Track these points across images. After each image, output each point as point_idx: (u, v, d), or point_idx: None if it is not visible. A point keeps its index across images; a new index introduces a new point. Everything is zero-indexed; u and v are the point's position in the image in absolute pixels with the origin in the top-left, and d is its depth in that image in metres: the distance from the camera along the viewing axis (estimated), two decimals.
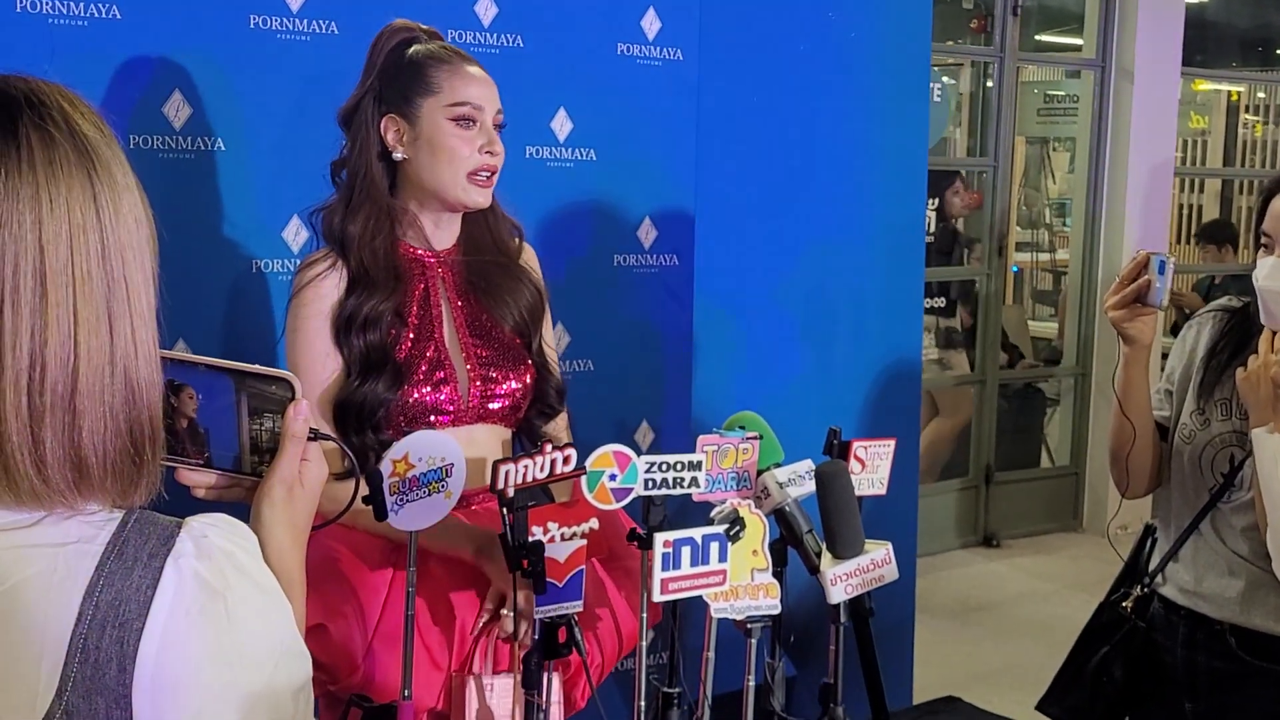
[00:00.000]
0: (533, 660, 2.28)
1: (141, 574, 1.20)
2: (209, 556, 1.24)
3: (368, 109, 2.60)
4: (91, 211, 1.25)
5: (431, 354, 2.58)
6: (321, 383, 2.54)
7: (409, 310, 2.59)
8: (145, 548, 1.21)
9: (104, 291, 1.25)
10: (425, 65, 2.59)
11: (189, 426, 1.52)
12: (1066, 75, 10.07)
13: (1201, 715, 2.79)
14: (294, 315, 2.57)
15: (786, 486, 2.51)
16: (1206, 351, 2.80)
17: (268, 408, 1.52)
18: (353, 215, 2.58)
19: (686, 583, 2.29)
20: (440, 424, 2.56)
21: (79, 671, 1.17)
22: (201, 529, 1.26)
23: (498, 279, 2.71)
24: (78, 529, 1.22)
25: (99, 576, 1.19)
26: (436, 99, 2.57)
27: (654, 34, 3.68)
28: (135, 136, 2.94)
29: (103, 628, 1.18)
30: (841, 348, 4.26)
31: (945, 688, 4.13)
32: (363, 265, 2.55)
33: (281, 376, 1.53)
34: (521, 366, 2.68)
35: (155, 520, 1.25)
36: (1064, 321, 8.40)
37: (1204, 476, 2.76)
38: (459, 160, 2.57)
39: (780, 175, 4.06)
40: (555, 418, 2.78)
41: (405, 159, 2.60)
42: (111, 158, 1.30)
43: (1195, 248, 9.23)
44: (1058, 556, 7.54)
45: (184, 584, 1.21)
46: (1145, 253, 2.67)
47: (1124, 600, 2.92)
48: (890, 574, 2.57)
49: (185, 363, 1.52)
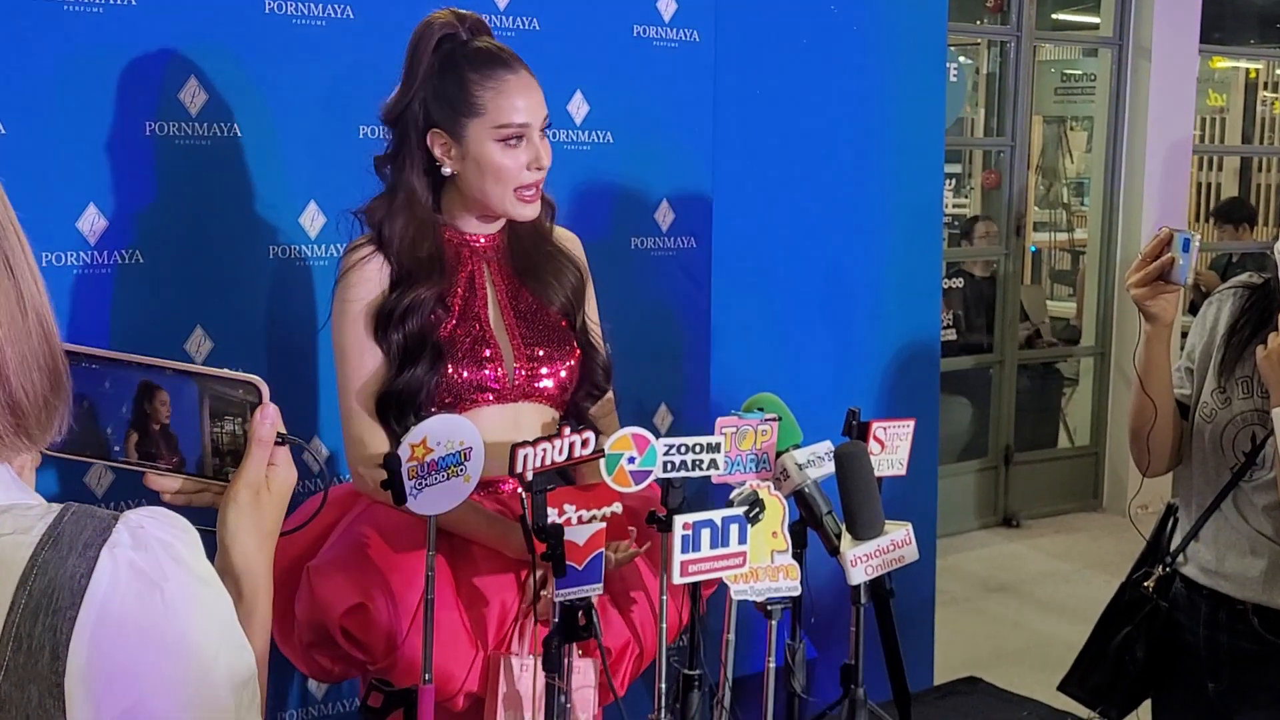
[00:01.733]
0: (553, 643, 2.28)
1: (76, 562, 1.18)
2: (145, 547, 1.22)
3: (413, 119, 2.58)
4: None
5: (476, 331, 2.59)
6: (364, 375, 2.55)
7: (453, 295, 2.60)
8: (81, 537, 1.20)
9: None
10: (469, 83, 2.54)
11: (160, 431, 1.51)
12: (1084, 54, 10.03)
13: (1224, 695, 2.79)
14: (340, 299, 2.58)
15: (806, 468, 2.50)
16: (1227, 329, 2.79)
17: (235, 412, 1.51)
18: (394, 218, 2.58)
19: (706, 565, 2.29)
20: (485, 402, 2.57)
21: (12, 660, 1.16)
22: (138, 520, 1.24)
23: (540, 262, 2.72)
24: (13, 521, 1.21)
25: (33, 565, 1.17)
26: (482, 120, 2.54)
27: (670, 15, 3.67)
28: (151, 123, 2.94)
29: (35, 615, 1.16)
30: (860, 329, 4.25)
31: (966, 668, 4.14)
32: (402, 263, 2.56)
33: (249, 381, 1.51)
34: (568, 347, 2.68)
35: (92, 513, 1.24)
36: (1082, 301, 8.38)
37: (1225, 455, 2.75)
38: (507, 178, 2.56)
39: (797, 156, 4.05)
40: (602, 398, 2.78)
41: (454, 174, 2.59)
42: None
43: (1212, 226, 9.19)
44: (1078, 536, 7.54)
45: (119, 573, 1.19)
46: (1169, 230, 2.64)
47: (1146, 580, 2.91)
48: (910, 555, 2.57)
49: (151, 367, 1.51)
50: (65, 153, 2.86)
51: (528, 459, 2.22)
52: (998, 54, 8.28)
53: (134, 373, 1.49)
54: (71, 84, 2.85)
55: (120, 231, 2.93)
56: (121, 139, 2.92)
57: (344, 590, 2.44)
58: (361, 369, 2.55)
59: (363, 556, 2.48)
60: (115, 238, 2.93)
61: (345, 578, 2.46)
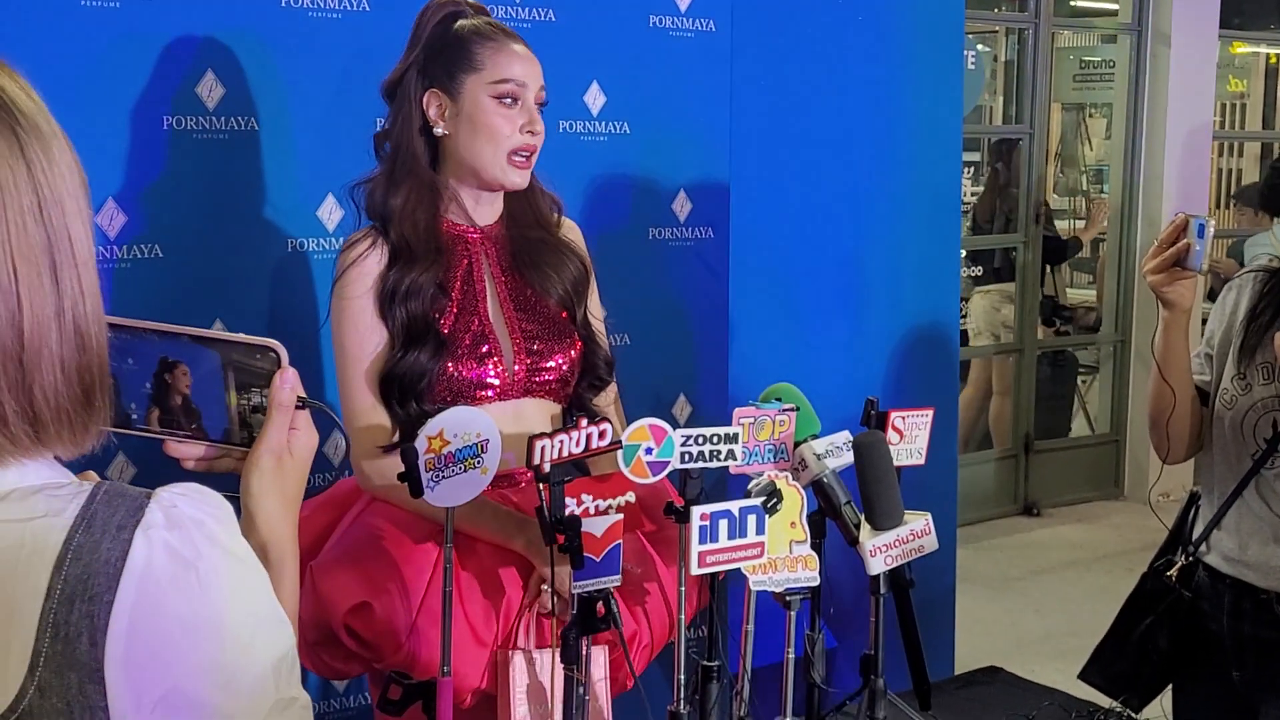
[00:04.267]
0: (571, 635, 2.28)
1: (110, 546, 1.18)
2: (179, 526, 1.21)
3: (411, 82, 2.60)
4: (21, 165, 1.23)
5: (476, 328, 2.59)
6: (367, 356, 2.55)
7: (452, 285, 2.60)
8: (114, 519, 1.20)
9: (44, 243, 1.22)
10: (470, 41, 2.59)
11: (182, 399, 1.51)
12: (1102, 40, 9.98)
13: (1249, 684, 2.78)
14: (338, 296, 2.58)
15: (824, 458, 2.50)
16: (1246, 314, 2.77)
17: (255, 378, 1.51)
18: (395, 189, 2.59)
19: (724, 555, 2.28)
20: (485, 399, 2.57)
21: (50, 647, 1.16)
22: (171, 499, 1.23)
23: (541, 253, 2.72)
24: (45, 503, 1.21)
25: (67, 550, 1.17)
26: (479, 75, 2.57)
27: (686, 5, 3.67)
28: (169, 117, 2.95)
29: (71, 602, 1.16)
30: (878, 318, 4.25)
31: (987, 657, 4.12)
32: (404, 239, 2.56)
33: (268, 345, 1.51)
34: (568, 340, 2.68)
35: (124, 492, 1.23)
36: (1102, 288, 8.36)
37: (1246, 442, 2.74)
38: (500, 138, 2.57)
39: (814, 145, 4.05)
40: (605, 390, 2.78)
41: (446, 135, 2.60)
42: (35, 110, 1.28)
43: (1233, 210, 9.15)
44: (1099, 525, 7.52)
45: (154, 555, 1.19)
46: (1184, 215, 2.65)
47: (1168, 569, 2.90)
48: (930, 544, 2.56)
49: (170, 334, 1.51)
50: (83, 148, 2.82)
51: (545, 450, 2.22)
52: (1016, 41, 8.26)
53: (153, 342, 1.50)
54: (89, 79, 2.85)
55: (139, 226, 2.94)
56: (139, 133, 2.93)
57: (348, 588, 2.43)
58: (366, 350, 2.54)
59: (366, 554, 2.48)
60: (134, 232, 2.93)
61: (349, 576, 2.45)
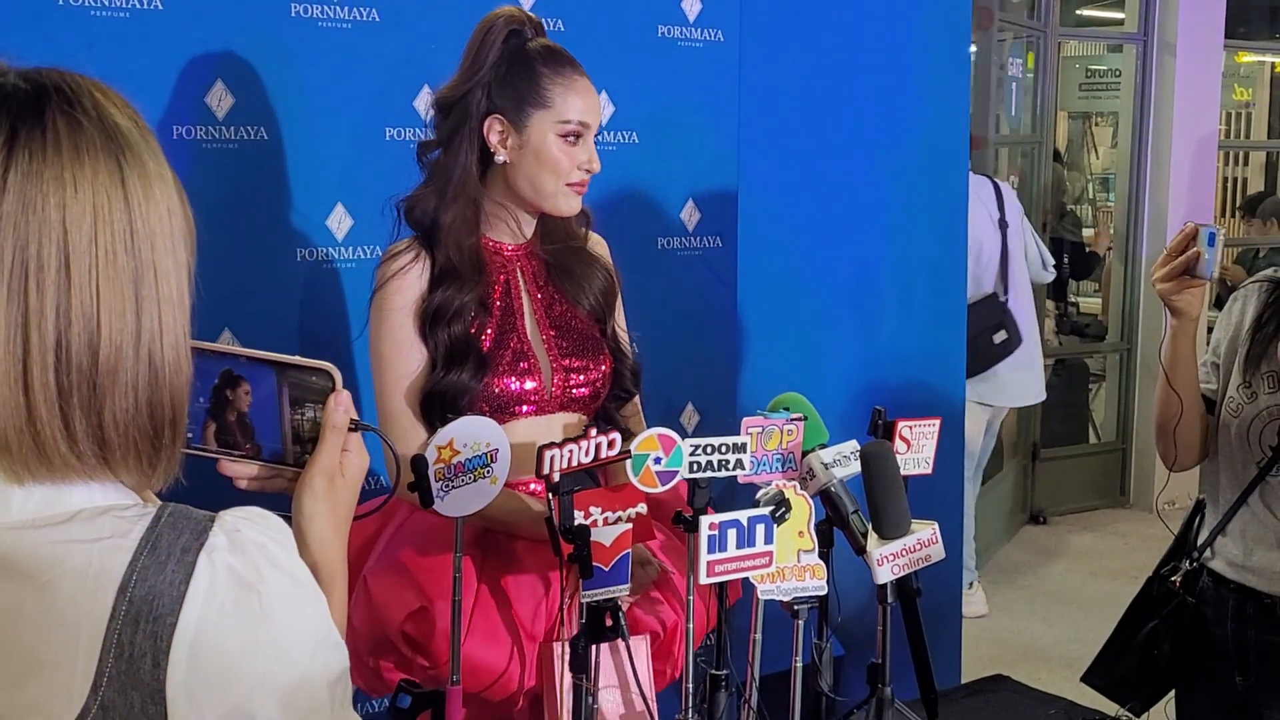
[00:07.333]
0: (579, 644, 2.29)
1: (175, 569, 1.20)
2: (242, 550, 1.24)
3: (474, 103, 2.59)
4: (119, 195, 1.25)
5: (515, 345, 2.61)
6: (409, 374, 2.56)
7: (492, 303, 2.62)
8: (178, 542, 1.22)
9: (131, 274, 1.25)
10: (540, 75, 2.59)
11: (238, 419, 1.53)
12: (1108, 50, 9.99)
13: (1252, 689, 2.78)
14: (378, 307, 2.59)
15: (832, 467, 2.50)
16: (1252, 323, 2.78)
17: (309, 398, 1.53)
18: (444, 206, 2.59)
19: (732, 565, 2.28)
20: (524, 414, 2.60)
21: (114, 667, 1.18)
22: (234, 523, 1.26)
23: (572, 266, 2.74)
24: (112, 524, 1.23)
25: (132, 571, 1.19)
26: (548, 113, 2.58)
27: (695, 15, 3.67)
28: (178, 127, 2.95)
29: (136, 623, 1.18)
30: (886, 328, 4.25)
31: (993, 666, 4.12)
32: (449, 258, 2.57)
33: (322, 368, 1.53)
34: (600, 355, 2.71)
35: (188, 514, 1.25)
36: (1108, 297, 8.36)
37: (1251, 450, 2.75)
38: (562, 171, 2.60)
39: (823, 155, 4.05)
40: (630, 401, 2.81)
41: (507, 163, 2.61)
42: (144, 148, 1.30)
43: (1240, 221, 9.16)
44: (1105, 532, 7.52)
45: (217, 578, 1.21)
46: (1194, 224, 2.66)
47: (1173, 575, 2.91)
48: (937, 554, 2.56)
49: (228, 355, 1.53)
50: None
51: (554, 460, 2.22)
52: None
53: (215, 362, 1.51)
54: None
55: None
56: None
57: (404, 595, 2.44)
58: (407, 367, 2.56)
59: (418, 561, 2.49)
60: None
61: (403, 583, 2.46)
